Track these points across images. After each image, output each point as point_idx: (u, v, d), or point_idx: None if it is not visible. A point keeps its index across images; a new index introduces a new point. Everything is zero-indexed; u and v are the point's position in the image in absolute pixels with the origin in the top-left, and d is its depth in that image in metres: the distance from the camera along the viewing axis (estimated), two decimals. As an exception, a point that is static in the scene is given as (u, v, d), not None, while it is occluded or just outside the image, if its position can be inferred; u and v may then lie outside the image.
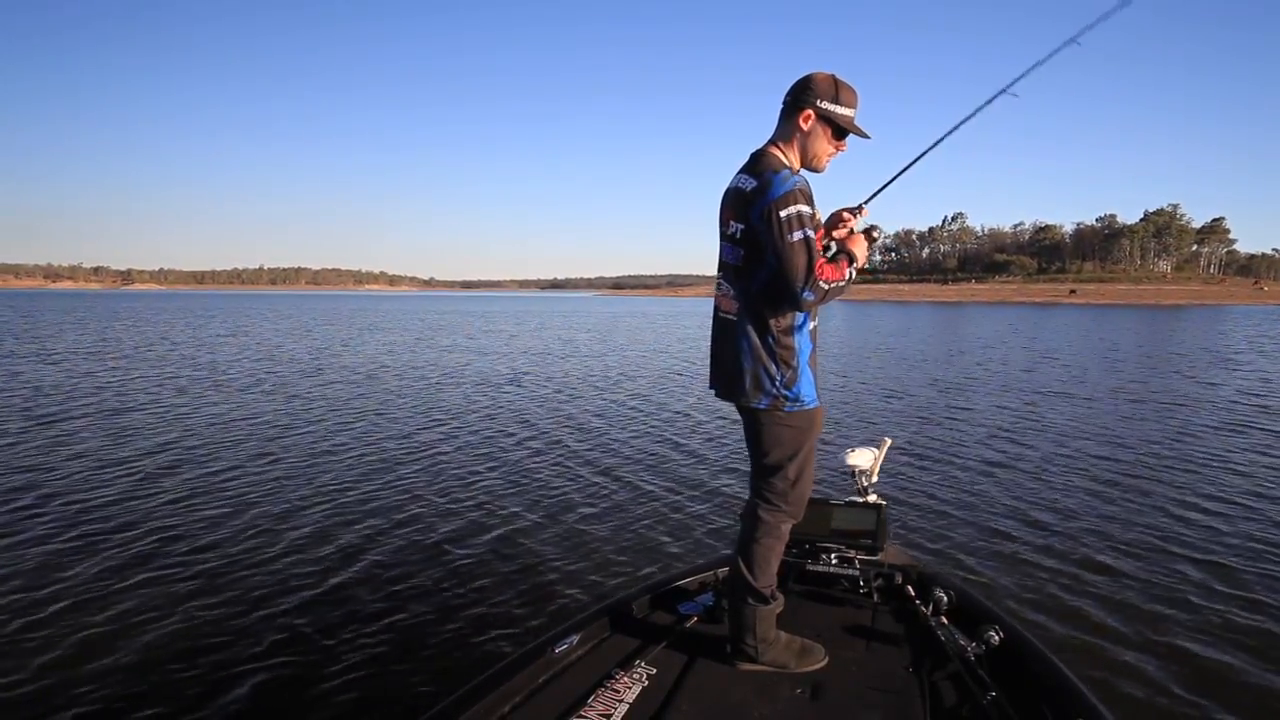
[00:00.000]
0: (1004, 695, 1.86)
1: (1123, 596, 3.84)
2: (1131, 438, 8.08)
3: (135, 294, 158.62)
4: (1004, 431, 8.40)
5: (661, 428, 8.67)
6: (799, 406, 2.04)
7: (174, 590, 3.86)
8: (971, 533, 4.83)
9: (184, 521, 4.96)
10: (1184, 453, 7.27)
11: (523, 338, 25.59)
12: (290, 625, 3.48)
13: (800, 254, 1.86)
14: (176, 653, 3.22)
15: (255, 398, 10.71)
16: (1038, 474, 6.42)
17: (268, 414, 9.31)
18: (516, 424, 8.82)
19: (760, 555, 2.11)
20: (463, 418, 9.23)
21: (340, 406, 9.99)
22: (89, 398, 10.42)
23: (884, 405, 10.45)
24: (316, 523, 4.97)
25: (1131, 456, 7.11)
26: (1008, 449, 7.46)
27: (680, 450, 7.42)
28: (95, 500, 5.42)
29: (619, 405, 10.43)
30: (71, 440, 7.55)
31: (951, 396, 11.22)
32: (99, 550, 4.41)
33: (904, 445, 7.44)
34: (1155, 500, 5.59)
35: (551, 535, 4.79)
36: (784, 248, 1.87)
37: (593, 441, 7.84)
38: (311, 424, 8.66)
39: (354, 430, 8.30)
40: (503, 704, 1.84)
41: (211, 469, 6.41)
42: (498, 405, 10.34)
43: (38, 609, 3.64)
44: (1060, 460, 6.94)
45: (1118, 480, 6.18)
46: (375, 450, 7.26)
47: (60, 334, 24.00)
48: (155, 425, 8.41)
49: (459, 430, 8.39)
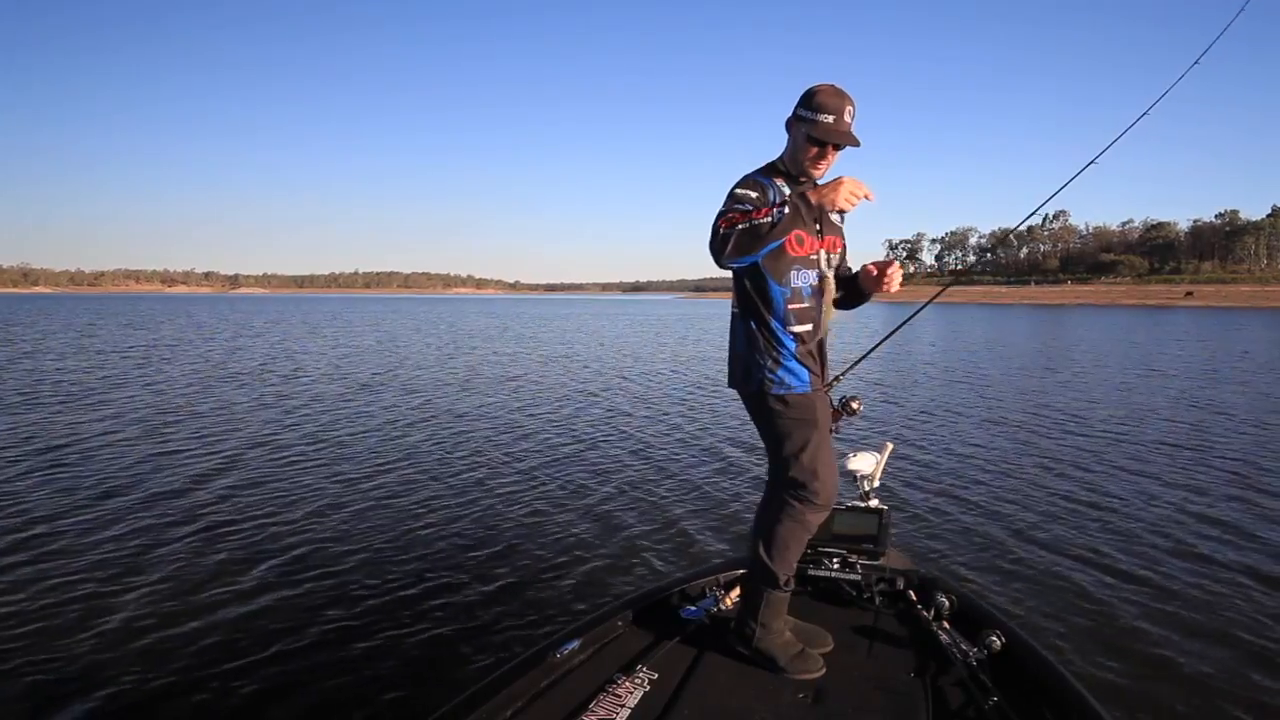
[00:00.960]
0: (1006, 700, 1.87)
1: (1125, 602, 3.82)
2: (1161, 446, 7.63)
3: (243, 297, 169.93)
4: (1023, 438, 8.12)
5: (697, 428, 8.53)
6: (786, 390, 2.11)
7: (162, 589, 3.90)
8: (974, 538, 4.81)
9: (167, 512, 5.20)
10: (1203, 459, 7.03)
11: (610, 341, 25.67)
12: (288, 629, 3.47)
13: (716, 217, 2.01)
14: (163, 652, 3.24)
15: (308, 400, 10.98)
16: (1042, 479, 6.33)
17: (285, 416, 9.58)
18: (533, 428, 8.79)
19: (780, 540, 2.15)
20: (470, 422, 9.32)
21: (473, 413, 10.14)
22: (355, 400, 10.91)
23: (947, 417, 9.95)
24: (313, 522, 4.96)
25: (1159, 465, 6.81)
26: (1021, 454, 7.30)
27: (709, 449, 7.37)
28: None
29: (646, 407, 10.37)
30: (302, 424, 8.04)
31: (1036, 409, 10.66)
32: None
33: (907, 450, 7.32)
34: (1160, 505, 5.50)
35: (552, 536, 4.76)
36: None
37: (616, 441, 7.82)
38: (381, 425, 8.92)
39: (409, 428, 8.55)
40: (504, 709, 1.85)
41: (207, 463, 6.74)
42: (501, 407, 10.26)
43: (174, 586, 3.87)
44: (1075, 465, 6.84)
45: (1125, 487, 6.08)
46: (401, 452, 7.50)
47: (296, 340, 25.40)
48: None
49: (478, 431, 8.46)
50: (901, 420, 9.36)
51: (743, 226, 1.91)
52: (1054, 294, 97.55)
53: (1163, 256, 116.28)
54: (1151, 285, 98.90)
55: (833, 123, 2.04)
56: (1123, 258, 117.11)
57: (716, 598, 2.46)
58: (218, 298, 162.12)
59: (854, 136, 2.07)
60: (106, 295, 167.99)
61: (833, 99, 2.04)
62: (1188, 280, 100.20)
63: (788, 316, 2.12)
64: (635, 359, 18.24)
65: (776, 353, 2.12)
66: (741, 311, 2.18)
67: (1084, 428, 8.69)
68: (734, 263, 1.99)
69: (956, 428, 8.81)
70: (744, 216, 1.94)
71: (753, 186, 2.05)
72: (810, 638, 2.23)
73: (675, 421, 9.15)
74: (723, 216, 1.97)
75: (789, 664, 2.09)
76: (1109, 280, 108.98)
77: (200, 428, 8.33)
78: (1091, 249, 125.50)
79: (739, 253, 1.94)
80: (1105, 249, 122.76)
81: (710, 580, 2.56)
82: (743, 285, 2.15)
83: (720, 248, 1.94)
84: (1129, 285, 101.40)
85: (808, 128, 2.06)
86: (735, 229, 1.92)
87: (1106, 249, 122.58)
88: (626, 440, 7.92)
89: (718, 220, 1.97)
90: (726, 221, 1.95)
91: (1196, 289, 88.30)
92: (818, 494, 2.13)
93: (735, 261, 1.98)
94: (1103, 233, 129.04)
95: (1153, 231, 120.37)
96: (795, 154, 2.13)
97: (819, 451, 2.13)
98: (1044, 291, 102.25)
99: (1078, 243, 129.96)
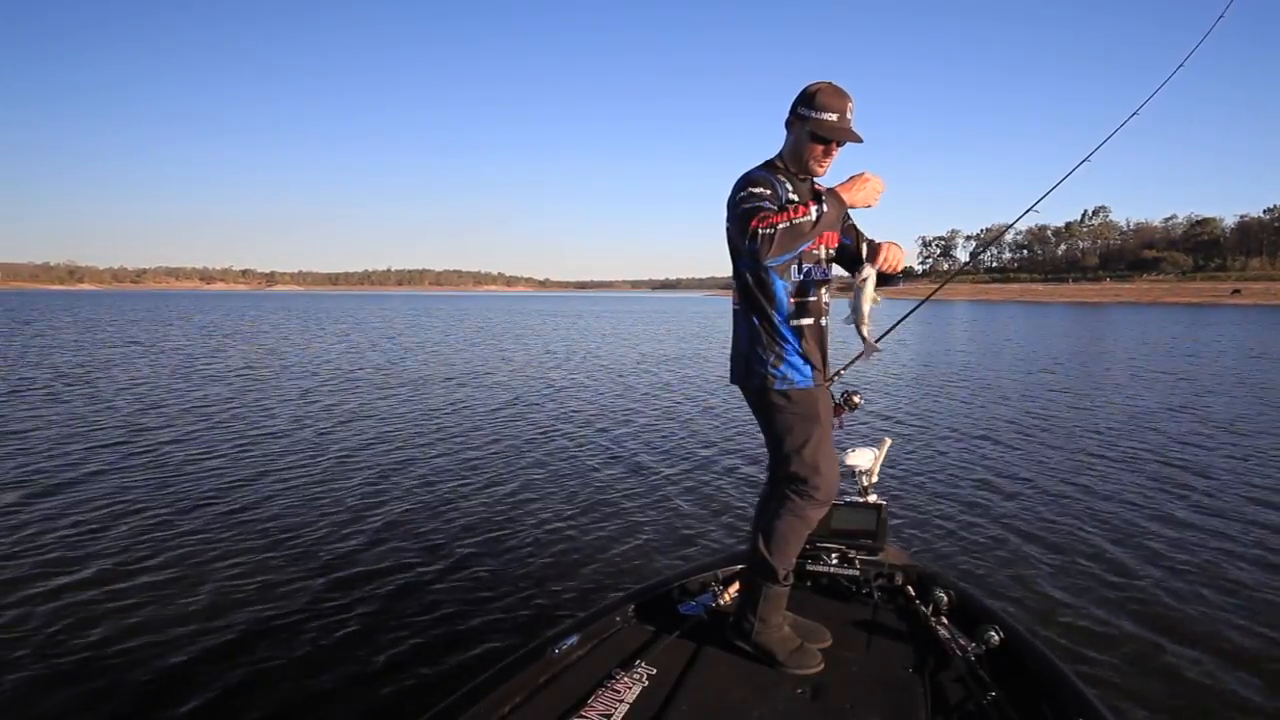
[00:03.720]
0: (1004, 695, 1.88)
1: (1124, 597, 3.83)
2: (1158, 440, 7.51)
3: (280, 294, 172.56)
4: (1016, 433, 8.00)
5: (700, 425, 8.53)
6: (788, 385, 2.12)
7: (148, 580, 3.93)
8: (972, 533, 4.81)
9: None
10: (1205, 457, 6.99)
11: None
12: (286, 623, 3.48)
13: (744, 215, 1.99)
14: (161, 647, 3.24)
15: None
16: (1043, 475, 6.31)
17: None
18: (534, 420, 8.87)
19: (780, 535, 2.16)
20: (460, 416, 9.36)
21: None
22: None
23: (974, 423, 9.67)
24: (310, 521, 4.96)
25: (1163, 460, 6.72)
26: (1020, 450, 7.30)
27: (708, 446, 7.37)
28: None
29: (649, 402, 10.34)
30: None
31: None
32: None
33: (905, 447, 7.26)
34: (1161, 504, 5.47)
35: (550, 532, 4.77)
36: (734, 219, 2.06)
37: (613, 437, 7.86)
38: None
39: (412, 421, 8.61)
40: (503, 704, 1.85)
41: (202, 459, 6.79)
42: (494, 402, 10.24)
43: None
44: (1074, 462, 6.84)
45: (1127, 483, 6.07)
46: (402, 447, 7.57)
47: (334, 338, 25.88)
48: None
49: (457, 430, 8.53)
50: (899, 415, 9.32)
51: (784, 226, 1.92)
52: (1092, 291, 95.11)
53: (1207, 253, 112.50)
54: (1195, 282, 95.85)
55: (836, 120, 2.07)
56: (1165, 254, 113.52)
57: (715, 593, 2.46)
58: (259, 294, 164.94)
59: (857, 134, 2.10)
60: (151, 292, 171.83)
61: (835, 98, 2.07)
62: (1234, 278, 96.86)
63: (791, 311, 2.13)
64: (642, 356, 18.17)
65: (780, 348, 2.13)
66: (744, 307, 2.18)
67: (1086, 426, 8.55)
68: (775, 261, 2.02)
69: (955, 423, 8.76)
70: (782, 215, 1.94)
71: (765, 184, 2.06)
72: (809, 633, 2.23)
73: (674, 417, 9.16)
74: (756, 216, 1.96)
75: (788, 659, 2.10)
76: (1151, 278, 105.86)
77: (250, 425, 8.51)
78: (1132, 245, 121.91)
79: (782, 251, 1.95)
80: (1147, 245, 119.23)
81: (709, 575, 2.56)
82: (745, 281, 2.16)
83: (765, 247, 1.93)
84: (1172, 282, 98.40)
85: (812, 126, 2.07)
86: (777, 228, 1.92)
87: (1148, 245, 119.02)
88: (625, 437, 7.92)
89: (750, 219, 1.95)
90: (764, 221, 1.94)
91: (1244, 286, 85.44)
92: (819, 489, 2.14)
93: (777, 260, 2.01)
94: (1145, 229, 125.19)
95: (1197, 227, 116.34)
96: (797, 151, 2.14)
97: (821, 446, 2.14)
98: (1082, 289, 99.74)
99: (1118, 239, 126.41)
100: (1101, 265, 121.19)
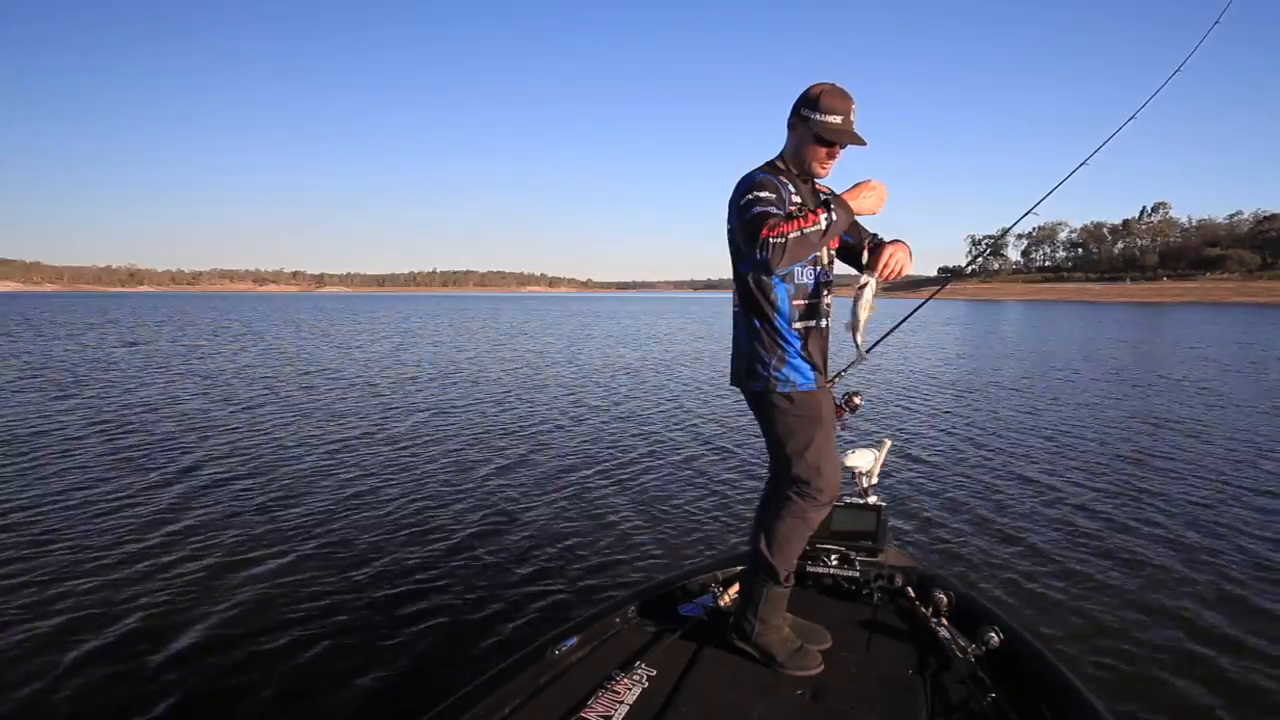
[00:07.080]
0: (1004, 696, 1.88)
1: (1124, 598, 3.84)
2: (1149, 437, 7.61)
3: (329, 296, 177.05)
4: (1017, 434, 8.01)
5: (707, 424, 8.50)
6: (790, 387, 2.11)
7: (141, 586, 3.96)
8: (972, 534, 4.81)
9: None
10: (1209, 454, 7.02)
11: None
12: (286, 622, 3.52)
13: (753, 222, 1.95)
14: (158, 641, 3.32)
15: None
16: (1044, 477, 6.28)
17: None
18: (538, 420, 8.88)
19: (782, 536, 2.16)
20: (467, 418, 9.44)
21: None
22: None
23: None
24: (309, 522, 5.01)
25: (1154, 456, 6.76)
26: (1020, 451, 7.29)
27: (709, 446, 7.40)
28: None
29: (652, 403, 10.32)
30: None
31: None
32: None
33: (905, 447, 7.21)
34: (1162, 505, 5.46)
35: (550, 533, 4.80)
36: (740, 224, 2.02)
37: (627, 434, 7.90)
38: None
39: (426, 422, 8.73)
40: (502, 706, 1.86)
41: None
42: (491, 399, 10.32)
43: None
44: (1067, 461, 6.86)
45: (1126, 482, 6.07)
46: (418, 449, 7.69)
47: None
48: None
49: (463, 426, 8.53)
50: (899, 415, 9.22)
51: (795, 235, 1.88)
52: (1149, 291, 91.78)
53: (1275, 251, 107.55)
54: (1262, 282, 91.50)
55: (840, 122, 2.06)
56: (1230, 252, 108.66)
57: (715, 594, 2.46)
58: (309, 296, 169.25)
59: (860, 136, 2.10)
60: (208, 294, 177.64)
61: (839, 100, 2.06)
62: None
63: (792, 313, 2.12)
64: (648, 357, 18.08)
65: (781, 350, 2.12)
66: (745, 309, 2.17)
67: (1092, 430, 8.36)
68: (785, 269, 2.00)
69: (956, 424, 8.65)
70: (792, 224, 1.89)
71: (770, 187, 2.03)
72: (809, 634, 2.23)
73: (675, 417, 9.18)
74: (765, 224, 1.89)
75: (788, 660, 2.10)
76: (1214, 276, 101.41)
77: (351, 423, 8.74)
78: (1195, 243, 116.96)
79: (792, 260, 1.91)
80: (1210, 243, 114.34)
81: (709, 576, 2.56)
82: (746, 283, 2.15)
83: (776, 256, 1.87)
84: (1236, 282, 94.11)
85: (815, 128, 2.06)
86: (788, 238, 1.87)
87: (1212, 243, 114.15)
88: (625, 437, 7.94)
89: (760, 227, 1.89)
90: (774, 230, 1.88)
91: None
92: (821, 490, 2.14)
93: (787, 269, 2.00)
94: (1208, 225, 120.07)
95: (1264, 224, 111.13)
96: (799, 153, 2.13)
97: (823, 448, 2.14)
98: (1139, 289, 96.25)
99: (1179, 237, 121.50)
100: (1161, 264, 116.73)
